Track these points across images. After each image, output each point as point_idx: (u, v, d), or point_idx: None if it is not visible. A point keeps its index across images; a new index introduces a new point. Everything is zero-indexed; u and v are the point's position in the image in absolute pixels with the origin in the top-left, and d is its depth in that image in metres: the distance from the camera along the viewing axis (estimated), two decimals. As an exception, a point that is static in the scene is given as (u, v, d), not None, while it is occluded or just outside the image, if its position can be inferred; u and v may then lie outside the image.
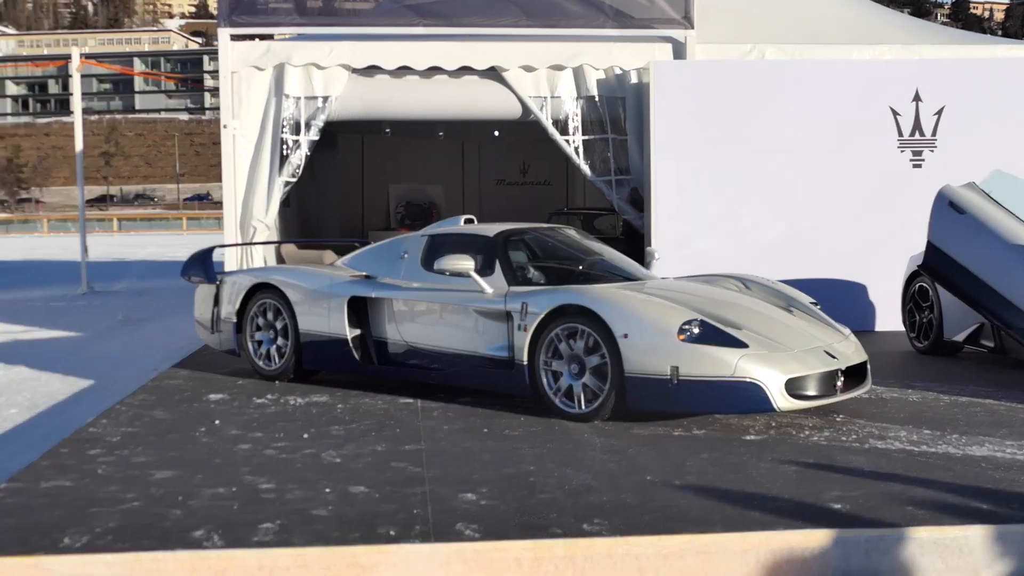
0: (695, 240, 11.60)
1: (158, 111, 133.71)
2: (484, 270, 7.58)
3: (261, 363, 8.60)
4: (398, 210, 19.40)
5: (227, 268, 11.60)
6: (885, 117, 11.65)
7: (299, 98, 11.93)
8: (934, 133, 11.65)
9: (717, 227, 11.63)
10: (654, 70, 11.60)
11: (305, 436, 6.52)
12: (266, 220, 11.92)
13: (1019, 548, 4.62)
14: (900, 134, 11.65)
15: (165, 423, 6.98)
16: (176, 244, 41.73)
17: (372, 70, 12.04)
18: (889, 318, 11.17)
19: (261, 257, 12.03)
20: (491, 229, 7.96)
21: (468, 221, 8.62)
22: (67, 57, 20.85)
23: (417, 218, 19.23)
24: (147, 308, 17.27)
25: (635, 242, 12.34)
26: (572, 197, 19.56)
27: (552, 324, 6.89)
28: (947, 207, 8.74)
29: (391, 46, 11.96)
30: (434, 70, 12.01)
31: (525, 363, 7.00)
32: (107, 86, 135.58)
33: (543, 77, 12.06)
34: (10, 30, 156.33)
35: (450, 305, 7.60)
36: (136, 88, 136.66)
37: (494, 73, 12.03)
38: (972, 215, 8.55)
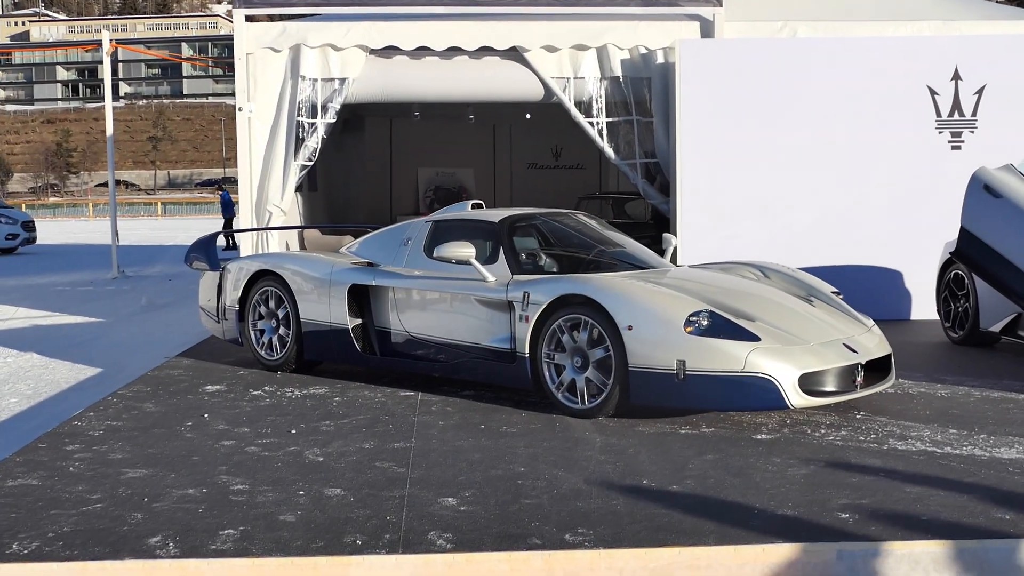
0: (722, 226, 11.19)
1: (205, 96, 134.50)
2: (488, 258, 7.25)
3: (263, 353, 8.33)
4: (427, 194, 19.09)
5: (242, 254, 11.35)
6: (922, 97, 11.15)
7: (315, 80, 11.62)
8: (974, 113, 11.14)
9: (745, 212, 11.21)
10: (680, 49, 11.18)
11: (293, 432, 6.23)
12: (282, 204, 11.64)
13: (1041, 564, 4.23)
14: (938, 114, 11.16)
15: (152, 416, 6.71)
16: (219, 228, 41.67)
17: (390, 51, 11.70)
18: (925, 307, 10.69)
19: (277, 243, 11.76)
20: (496, 215, 7.61)
21: (476, 206, 8.27)
22: (98, 42, 20.68)
23: (447, 202, 18.87)
24: (173, 293, 17.10)
25: (665, 227, 11.94)
26: (605, 181, 19.14)
27: (555, 315, 6.53)
28: (982, 190, 8.27)
29: (409, 26, 11.62)
30: (453, 50, 11.65)
31: (527, 355, 6.66)
32: (155, 71, 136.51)
33: (566, 57, 11.67)
34: (60, 16, 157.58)
35: (452, 294, 7.27)
36: (184, 73, 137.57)
37: (515, 53, 11.66)
38: (1008, 199, 8.08)
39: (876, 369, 6.65)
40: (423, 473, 5.28)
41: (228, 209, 28.89)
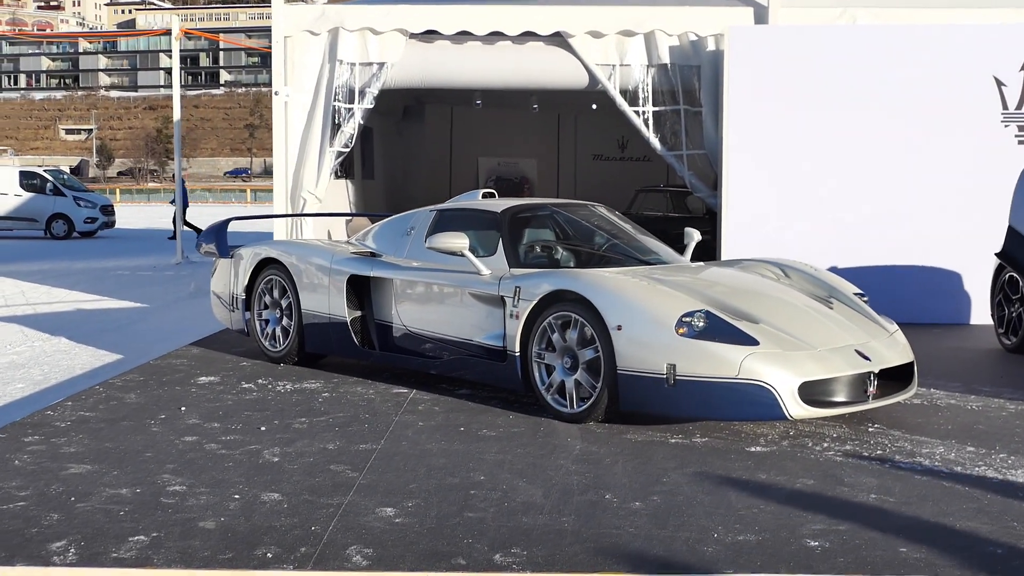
0: (770, 221, 10.66)
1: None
2: (487, 249, 6.86)
3: (267, 344, 8.06)
4: (488, 184, 18.71)
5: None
6: (988, 88, 10.49)
7: (353, 64, 11.35)
8: (1045, 106, 10.45)
9: (795, 207, 10.65)
10: (730, 36, 10.65)
11: (262, 429, 5.92)
12: (316, 192, 11.39)
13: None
14: (1005, 107, 10.48)
15: (128, 408, 6.47)
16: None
17: (430, 35, 11.39)
18: (985, 311, 10.04)
19: (312, 231, 11.51)
20: (500, 205, 7.22)
21: (488, 195, 7.89)
22: (163, 30, 20.67)
23: (508, 193, 18.53)
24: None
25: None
26: (671, 175, 18.58)
27: (546, 311, 6.13)
28: (1032, 188, 7.66)
29: (450, 9, 11.28)
30: (496, 35, 11.28)
31: (517, 354, 6.27)
32: (255, 60, 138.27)
33: (611, 43, 11.22)
34: (166, 4, 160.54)
35: (446, 287, 6.91)
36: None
37: (559, 39, 11.25)
38: (1061, 197, 7.46)
39: (896, 378, 6.14)
40: (374, 479, 4.93)
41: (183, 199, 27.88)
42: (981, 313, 10.32)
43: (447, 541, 4.10)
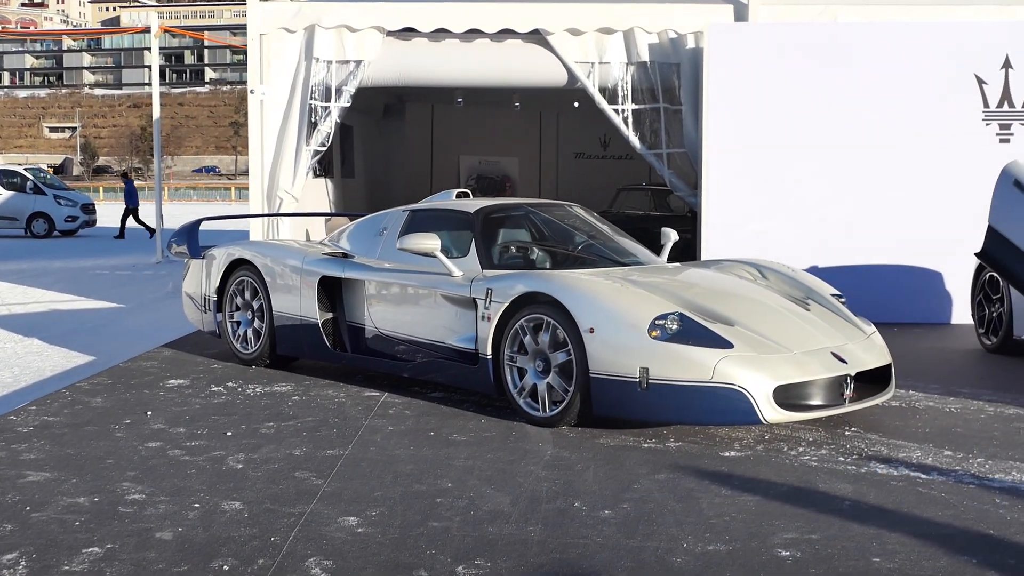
0: (751, 221, 10.57)
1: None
2: (460, 250, 6.76)
3: (238, 346, 7.94)
4: (469, 183, 18.60)
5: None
6: (969, 86, 10.42)
7: (330, 62, 11.21)
8: (1026, 104, 10.39)
9: (776, 207, 10.56)
10: (709, 33, 10.56)
11: (228, 434, 5.81)
12: (293, 191, 11.26)
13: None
14: (986, 105, 10.41)
15: (94, 412, 6.34)
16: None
17: (408, 33, 11.27)
18: (967, 311, 9.97)
19: (289, 232, 11.38)
20: (474, 205, 7.11)
21: (462, 195, 7.78)
22: (145, 28, 20.52)
23: (490, 192, 18.42)
24: (207, 280, 16.83)
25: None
26: (653, 174, 18.47)
27: (518, 314, 6.02)
28: (1012, 186, 7.58)
29: (427, 7, 11.16)
30: (473, 32, 11.17)
31: (489, 357, 6.16)
32: (240, 58, 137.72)
33: (590, 41, 11.12)
34: (151, 1, 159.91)
35: (418, 289, 6.80)
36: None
37: (538, 36, 11.14)
38: (1041, 197, 7.38)
39: (874, 380, 6.05)
40: (339, 486, 4.82)
41: (132, 199, 27.68)
42: (963, 313, 10.25)
43: (410, 552, 3.99)
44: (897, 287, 10.46)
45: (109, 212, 37.30)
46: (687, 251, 10.99)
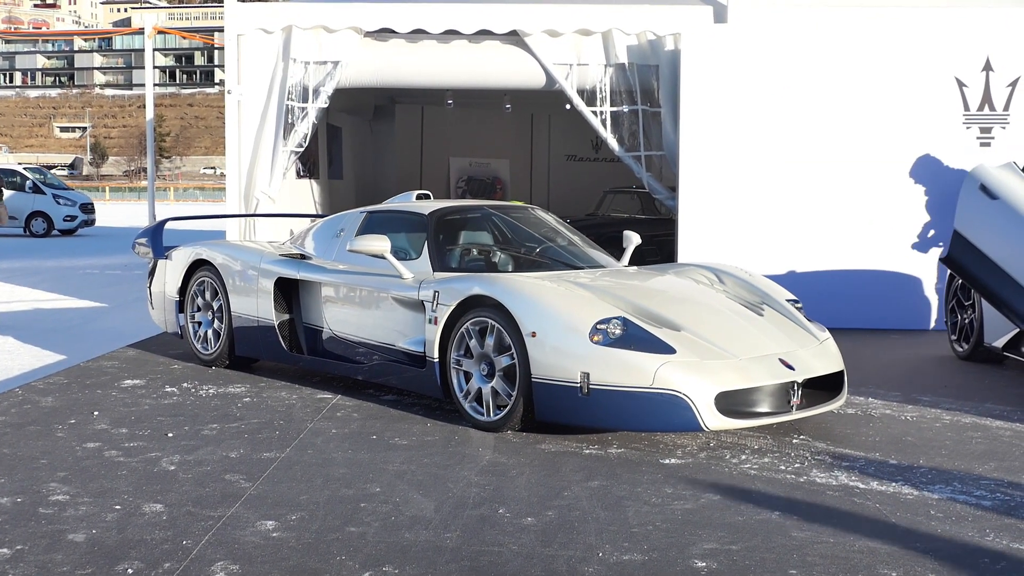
0: (728, 224, 10.49)
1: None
2: (412, 252, 6.71)
3: (199, 346, 7.90)
4: (459, 185, 18.52)
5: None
6: (949, 89, 10.33)
7: (307, 63, 11.16)
8: (1006, 108, 10.30)
9: (753, 210, 10.48)
10: (686, 35, 10.49)
11: (170, 435, 5.76)
12: (270, 192, 11.20)
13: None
14: (966, 108, 10.33)
15: (40, 411, 6.30)
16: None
17: (385, 33, 11.21)
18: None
19: (268, 231, 11.33)
20: (428, 207, 7.05)
21: (422, 196, 7.72)
22: (138, 29, 20.47)
23: (480, 194, 18.35)
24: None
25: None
26: (645, 176, 18.39)
27: (464, 317, 5.97)
28: (977, 190, 7.50)
29: (405, 7, 11.11)
30: (451, 33, 11.10)
31: (436, 360, 6.10)
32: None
33: (568, 42, 11.04)
34: (162, 3, 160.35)
35: (370, 291, 6.75)
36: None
37: (515, 37, 11.07)
38: (1006, 201, 7.30)
39: (825, 387, 5.98)
40: (266, 490, 4.77)
41: None
42: (941, 319, 10.17)
43: (319, 557, 3.93)
44: (876, 292, 10.37)
45: (114, 212, 37.37)
46: (671, 254, 10.92)
